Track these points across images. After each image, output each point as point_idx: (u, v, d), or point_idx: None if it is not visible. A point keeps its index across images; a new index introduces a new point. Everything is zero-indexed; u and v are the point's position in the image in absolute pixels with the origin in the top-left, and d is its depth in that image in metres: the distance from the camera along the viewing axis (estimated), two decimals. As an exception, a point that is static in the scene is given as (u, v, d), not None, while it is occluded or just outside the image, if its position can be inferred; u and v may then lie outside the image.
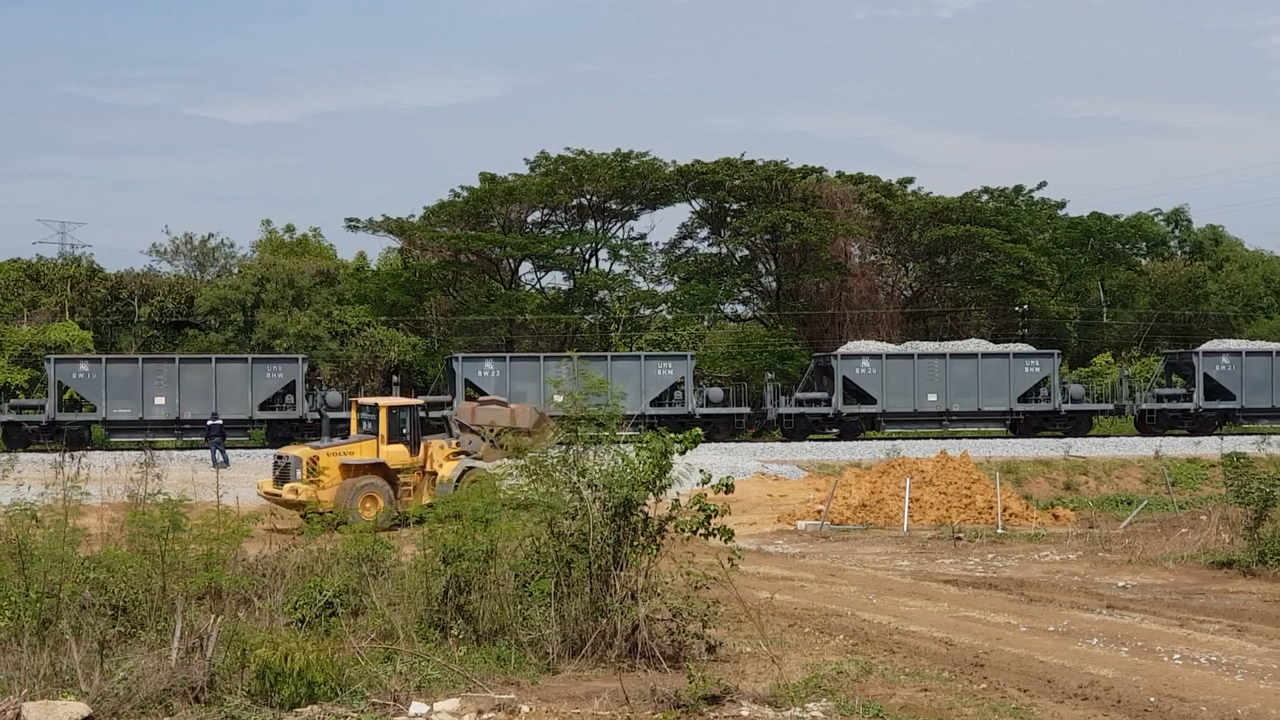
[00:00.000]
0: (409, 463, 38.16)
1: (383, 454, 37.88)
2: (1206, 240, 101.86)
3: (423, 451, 38.58)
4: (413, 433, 38.53)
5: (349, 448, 38.24)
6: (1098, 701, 16.15)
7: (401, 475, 37.88)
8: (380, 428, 38.20)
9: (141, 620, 17.11)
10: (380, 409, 38.65)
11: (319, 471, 36.86)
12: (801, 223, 78.73)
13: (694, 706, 14.53)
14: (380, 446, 37.99)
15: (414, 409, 39.24)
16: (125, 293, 77.52)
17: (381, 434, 38.14)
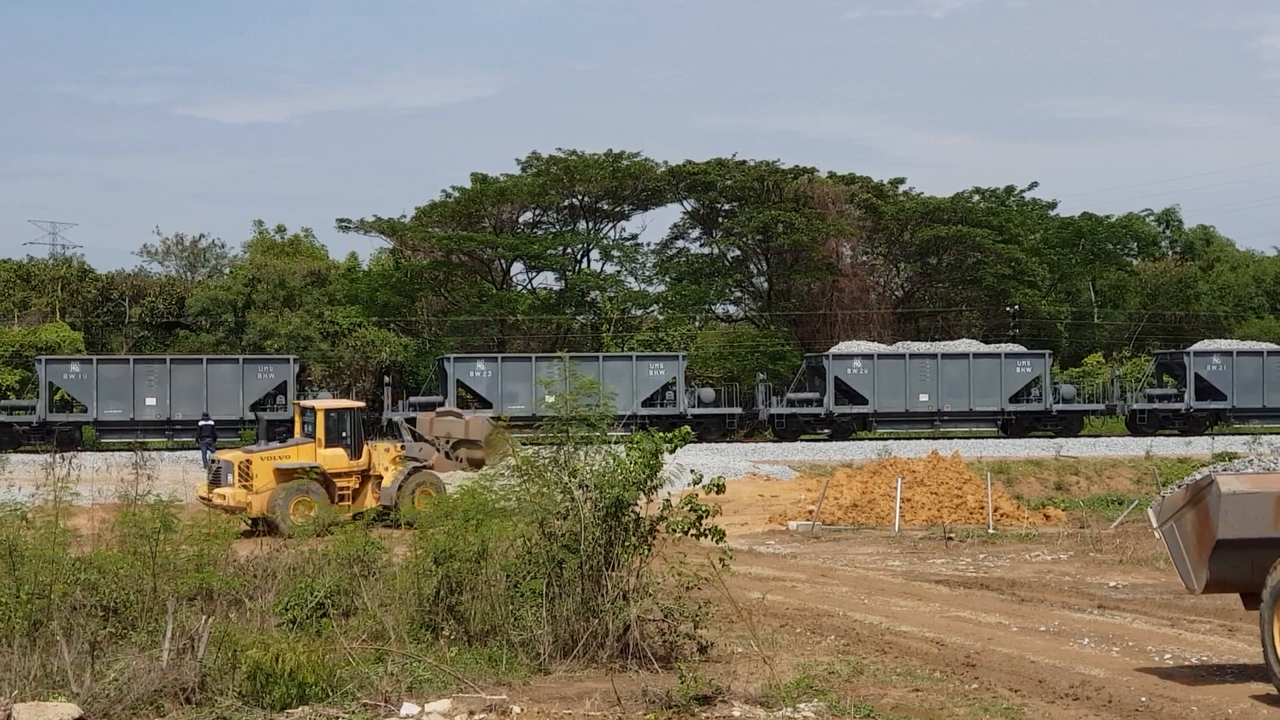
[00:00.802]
0: (349, 466, 37.39)
1: (319, 458, 37.11)
2: (1197, 240, 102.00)
3: (366, 455, 37.88)
4: (354, 436, 37.76)
5: (285, 451, 37.56)
6: (1089, 701, 16.15)
7: (339, 479, 37.11)
8: (317, 431, 37.51)
9: (132, 621, 17.08)
10: (317, 412, 37.93)
11: (250, 476, 36.21)
12: (793, 223, 78.80)
13: (685, 707, 14.53)
14: (317, 450, 37.28)
15: (355, 412, 38.54)
16: (116, 293, 77.47)
17: (319, 437, 37.41)
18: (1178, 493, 17.40)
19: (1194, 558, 16.93)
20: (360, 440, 37.96)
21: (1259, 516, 16.22)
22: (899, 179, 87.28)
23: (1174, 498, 17.41)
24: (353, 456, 37.57)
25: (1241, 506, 16.31)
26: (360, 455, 37.74)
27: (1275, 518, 16.12)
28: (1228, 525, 16.33)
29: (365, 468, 37.84)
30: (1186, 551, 17.07)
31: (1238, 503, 16.34)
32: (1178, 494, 17.37)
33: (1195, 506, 16.84)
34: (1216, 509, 16.40)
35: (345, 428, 37.79)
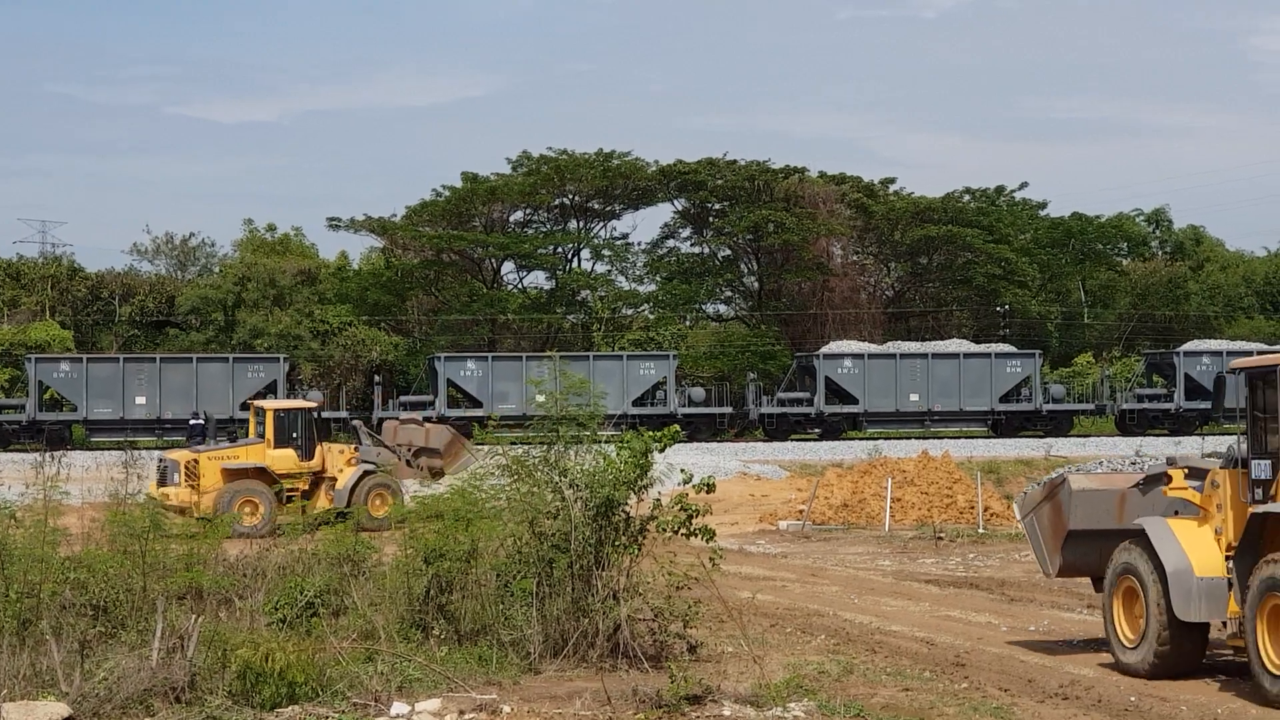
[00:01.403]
0: (299, 468, 37.00)
1: (268, 458, 36.78)
2: (1187, 241, 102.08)
3: (320, 457, 37.54)
4: (305, 437, 37.37)
5: (234, 451, 37.30)
6: (1078, 701, 16.18)
7: (288, 480, 36.66)
8: (266, 431, 37.21)
9: (122, 620, 17.06)
10: (267, 412, 37.66)
11: (197, 475, 35.89)
12: (783, 223, 78.83)
13: (676, 706, 14.54)
14: (266, 450, 36.95)
15: (306, 412, 38.19)
16: (106, 292, 77.42)
17: (268, 438, 37.11)
18: (1037, 490, 20.04)
19: (1050, 546, 19.50)
20: (312, 441, 37.49)
21: (1105, 511, 18.81)
22: (889, 179, 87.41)
23: (1034, 494, 20.02)
24: (304, 458, 37.12)
25: (1090, 502, 18.91)
26: (312, 456, 37.28)
27: (1118, 512, 18.67)
28: (1078, 518, 18.88)
29: (319, 469, 37.42)
30: (1043, 540, 19.63)
31: (1086, 499, 18.93)
32: (1037, 491, 19.99)
33: (1051, 501, 19.42)
34: (1068, 504, 18.99)
35: (296, 428, 37.43)
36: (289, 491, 36.53)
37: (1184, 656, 17.29)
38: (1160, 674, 17.19)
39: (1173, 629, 17.03)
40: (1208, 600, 16.71)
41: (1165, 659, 17.23)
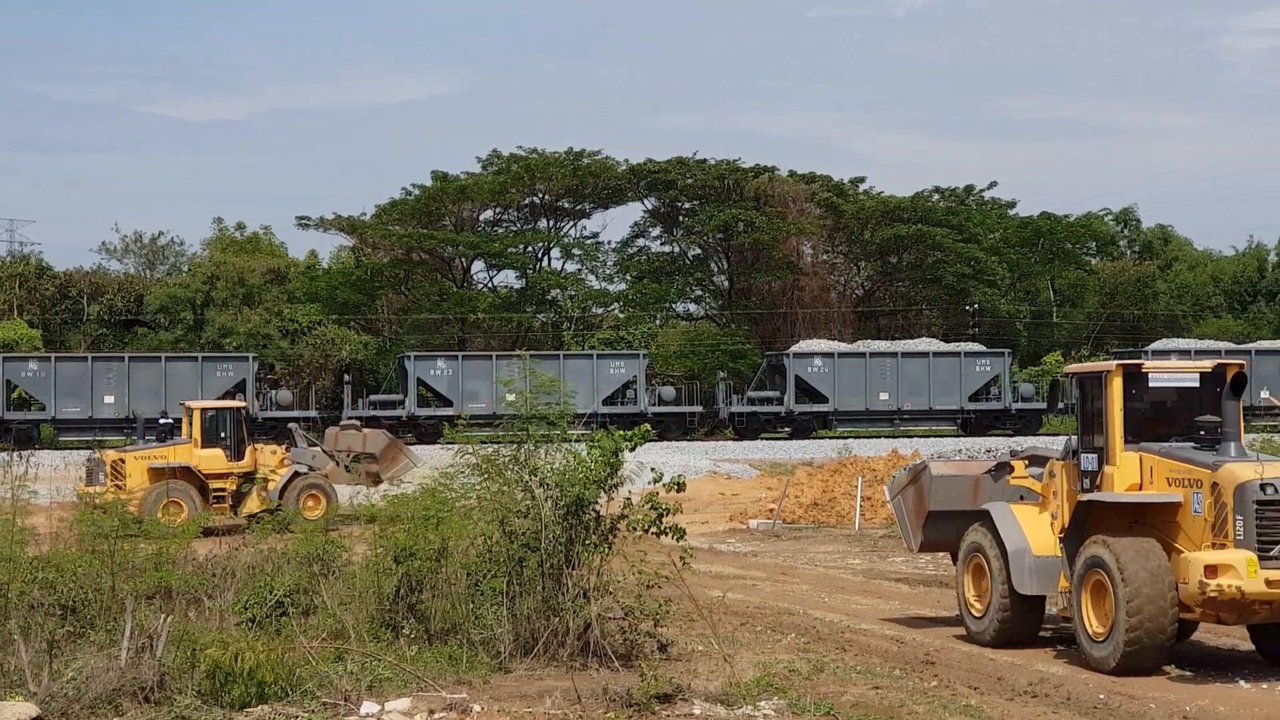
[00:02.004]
0: (228, 468, 36.78)
1: (195, 458, 36.52)
2: (1155, 240, 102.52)
3: (251, 457, 37.33)
4: (234, 437, 37.18)
5: (161, 451, 37.07)
6: (1047, 699, 16.23)
7: (215, 481, 36.43)
8: (193, 431, 37.02)
9: (91, 620, 17.00)
10: (194, 411, 37.46)
11: (123, 474, 35.64)
12: (753, 222, 78.95)
13: (646, 705, 14.54)
14: (193, 450, 36.71)
15: (236, 412, 38.06)
16: (74, 291, 77.16)
17: (195, 437, 36.90)
18: (903, 474, 22.31)
19: (913, 524, 21.81)
20: (242, 442, 37.29)
21: (960, 494, 21.01)
22: (859, 178, 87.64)
23: (900, 478, 22.29)
24: (232, 458, 36.91)
25: (947, 486, 21.19)
26: (242, 457, 37.08)
27: (972, 496, 20.82)
28: (936, 500, 21.18)
29: (250, 470, 37.22)
30: (908, 519, 21.95)
31: (944, 483, 21.22)
32: (903, 475, 22.30)
33: (914, 485, 21.74)
34: (929, 487, 21.28)
35: (224, 428, 37.26)
36: (217, 492, 36.24)
37: (1022, 626, 19.51)
38: (1002, 642, 19.42)
39: (1012, 601, 19.31)
40: (1042, 576, 19.00)
41: (1006, 628, 19.50)
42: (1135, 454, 18.23)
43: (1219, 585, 16.60)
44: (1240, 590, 16.55)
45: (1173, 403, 19.04)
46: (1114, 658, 17.47)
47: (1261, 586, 16.57)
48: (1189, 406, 18.68)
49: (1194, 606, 17.19)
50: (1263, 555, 16.69)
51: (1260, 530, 16.77)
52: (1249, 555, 16.64)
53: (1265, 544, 16.74)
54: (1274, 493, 16.84)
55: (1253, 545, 16.72)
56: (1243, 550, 16.73)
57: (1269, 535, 16.78)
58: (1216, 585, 16.61)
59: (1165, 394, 19.10)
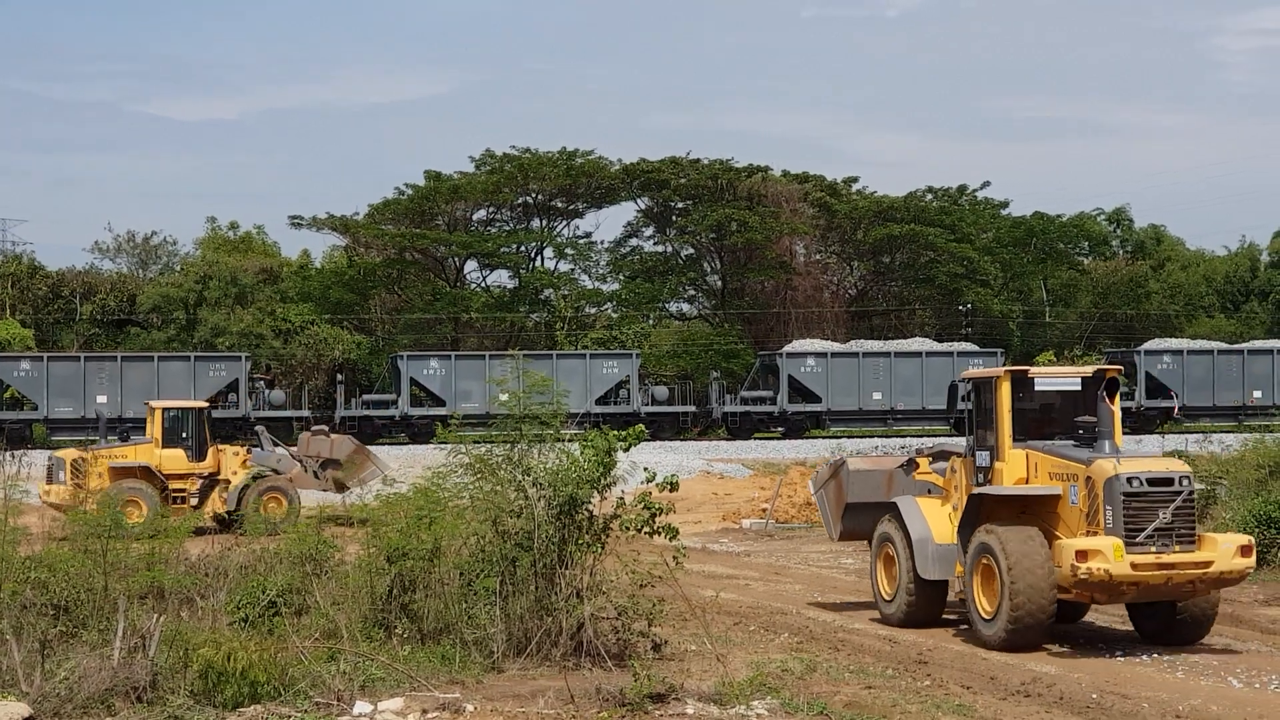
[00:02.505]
0: (189, 468, 36.73)
1: (156, 458, 36.52)
2: (1148, 240, 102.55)
3: (214, 458, 37.28)
4: (195, 437, 37.15)
5: (122, 450, 36.93)
6: (1040, 698, 16.25)
7: (176, 481, 36.34)
8: (154, 430, 37.01)
9: (83, 620, 16.99)
10: (155, 411, 37.44)
11: (84, 474, 35.43)
12: (747, 221, 78.93)
13: (639, 705, 14.53)
14: (154, 450, 36.68)
15: (198, 412, 37.98)
16: (67, 290, 77.06)
17: (155, 437, 36.90)
18: (825, 469, 24.44)
19: (834, 515, 23.80)
20: (204, 442, 37.28)
21: (875, 487, 23.02)
22: (852, 178, 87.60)
23: (823, 473, 24.41)
24: (194, 458, 36.90)
25: (863, 480, 23.28)
26: (204, 457, 37.07)
27: (887, 489, 22.79)
28: (854, 492, 23.21)
29: (213, 470, 37.16)
30: (829, 510, 23.98)
31: (861, 477, 23.36)
32: (825, 470, 24.40)
33: (834, 479, 23.77)
34: (847, 481, 23.34)
35: (185, 428, 37.22)
36: (177, 492, 36.10)
37: (927, 608, 21.33)
38: (909, 623, 21.26)
39: (917, 586, 21.12)
40: (942, 563, 20.78)
41: (913, 610, 21.29)
42: (1022, 451, 20.18)
43: (1089, 568, 18.50)
44: (1108, 573, 18.49)
45: (1058, 405, 20.91)
46: (1000, 635, 19.23)
47: (1127, 569, 18.51)
48: (1072, 408, 20.54)
49: (1069, 588, 18.98)
50: (1129, 541, 18.63)
51: (1127, 519, 18.73)
52: (1116, 542, 18.56)
53: (1131, 531, 18.70)
54: (1139, 485, 18.86)
55: (1120, 532, 18.70)
56: (1111, 537, 18.69)
57: (1134, 524, 18.73)
58: (1087, 568, 18.51)
59: (1050, 397, 21.06)
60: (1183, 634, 19.83)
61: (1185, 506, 19.12)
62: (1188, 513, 19.16)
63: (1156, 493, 18.97)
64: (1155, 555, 18.73)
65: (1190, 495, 19.27)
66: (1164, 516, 18.87)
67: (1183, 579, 18.86)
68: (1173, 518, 18.94)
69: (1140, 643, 19.99)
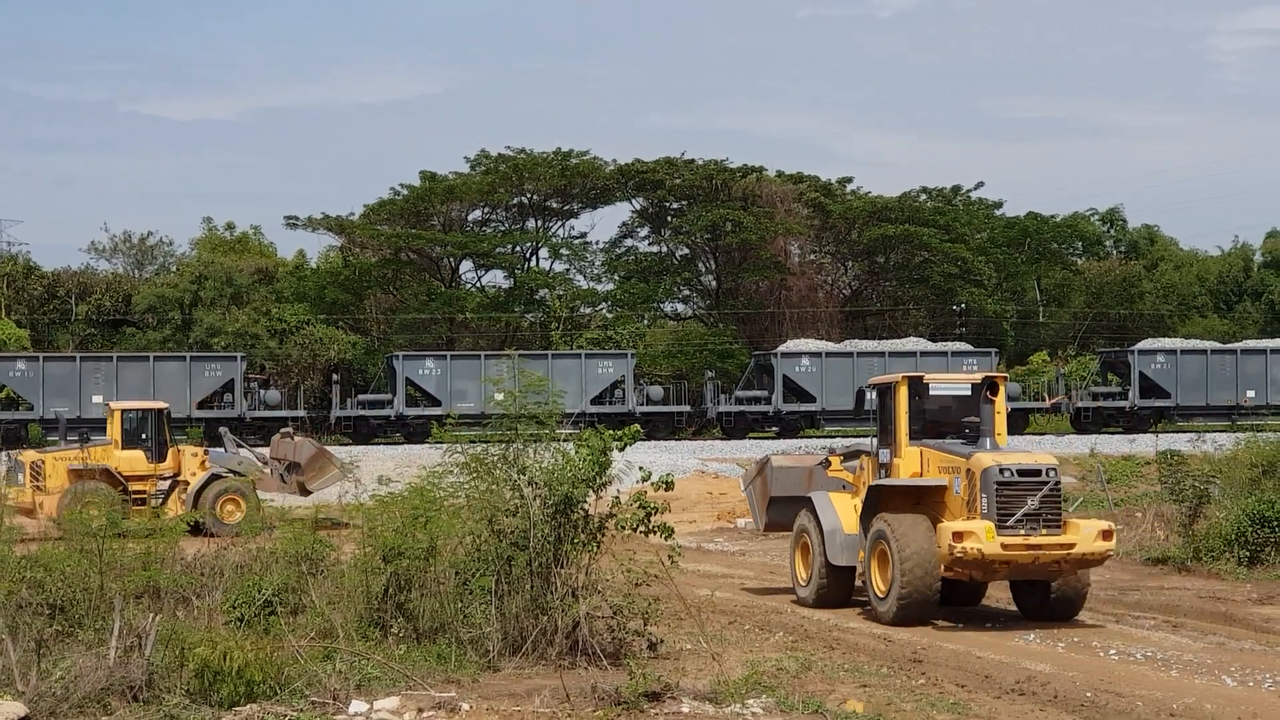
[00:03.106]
0: (149, 470, 36.56)
1: (115, 459, 36.32)
2: (1142, 240, 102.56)
3: (174, 459, 37.14)
4: (155, 439, 36.99)
5: (81, 452, 36.72)
6: (1035, 697, 16.28)
7: (136, 483, 35.98)
8: (114, 432, 36.84)
9: (79, 619, 17.00)
10: (114, 412, 37.32)
11: (43, 476, 35.44)
12: (741, 222, 78.92)
13: (635, 703, 14.57)
14: (114, 452, 36.51)
15: (158, 413, 37.78)
16: (62, 291, 76.98)
17: (114, 438, 36.71)
18: (753, 468, 26.77)
19: (760, 508, 25.99)
20: (164, 443, 37.14)
21: (797, 482, 25.02)
22: (847, 178, 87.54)
23: (750, 470, 26.81)
24: (154, 459, 36.75)
25: (786, 476, 25.44)
26: (164, 458, 36.91)
27: (807, 484, 24.72)
28: (777, 487, 25.35)
29: (174, 472, 37.02)
30: (756, 504, 26.20)
31: (783, 473, 25.53)
32: (752, 468, 26.78)
33: (760, 475, 25.89)
34: (771, 477, 25.52)
35: (145, 429, 37.09)
36: (138, 494, 35.68)
37: (837, 592, 23.38)
38: (821, 604, 23.31)
39: (829, 571, 23.17)
40: (850, 550, 22.81)
41: (825, 594, 23.35)
42: (917, 449, 22.47)
43: (964, 548, 20.74)
44: (981, 552, 20.71)
45: (951, 407, 23.11)
46: (892, 611, 21.40)
47: (998, 549, 20.75)
48: (964, 409, 22.84)
49: (949, 567, 21.20)
50: (1000, 525, 20.85)
51: (999, 505, 20.97)
52: (989, 524, 20.81)
53: (1003, 515, 20.92)
54: (1010, 476, 21.08)
55: (993, 516, 20.92)
56: (985, 521, 20.89)
57: (1006, 509, 20.93)
58: (962, 548, 20.75)
59: (944, 400, 23.29)
60: (1057, 611, 21.88)
61: (1052, 494, 21.28)
62: (1054, 500, 21.32)
63: (1025, 482, 21.15)
64: (1024, 537, 20.90)
65: (1056, 485, 21.45)
66: (1032, 503, 21.03)
67: (1049, 559, 21.06)
68: (1040, 504, 21.10)
69: (1134, 641, 20.06)
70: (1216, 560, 27.47)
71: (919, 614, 21.34)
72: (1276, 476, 30.61)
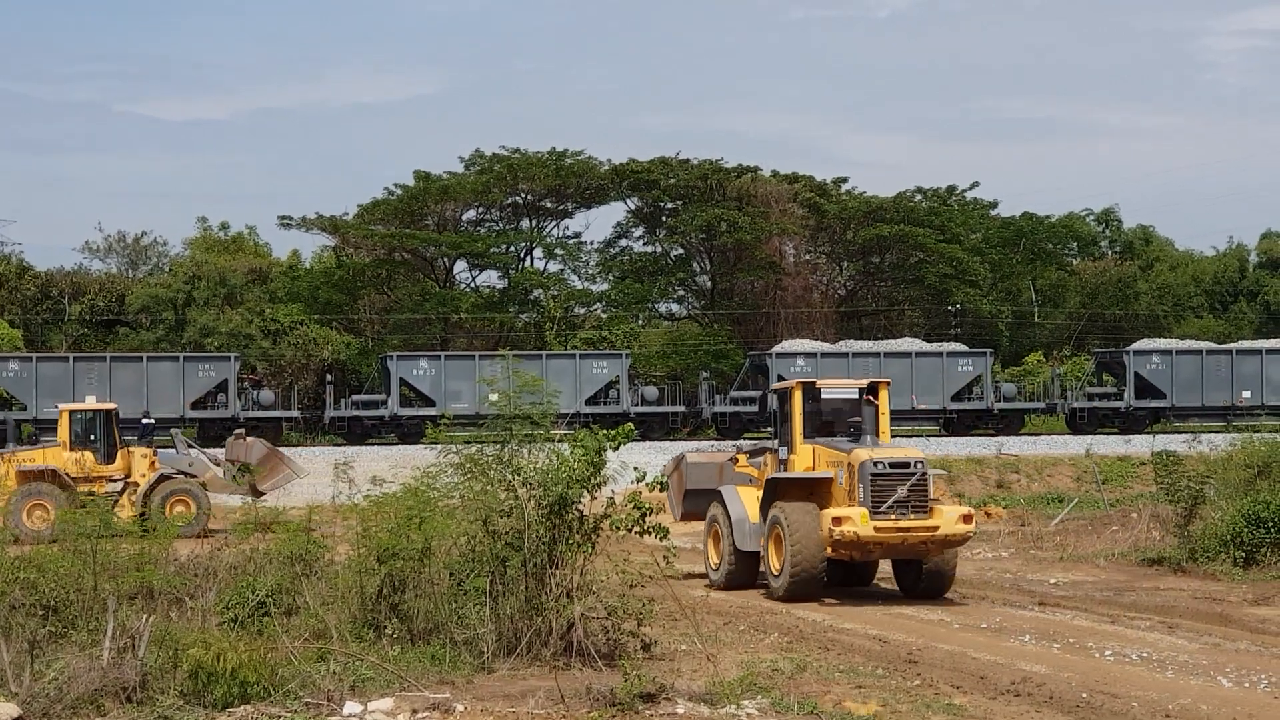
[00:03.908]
0: (98, 471, 36.50)
1: (64, 461, 36.31)
2: (1137, 240, 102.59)
3: (123, 460, 37.11)
4: (104, 440, 36.99)
5: (30, 454, 36.81)
6: (1030, 698, 16.25)
7: (84, 484, 35.72)
8: (62, 433, 36.83)
9: (73, 620, 16.98)
10: (63, 413, 37.28)
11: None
12: (736, 222, 78.90)
13: (629, 704, 14.54)
14: (62, 453, 36.50)
15: (107, 414, 37.74)
16: (56, 291, 76.92)
17: (62, 439, 36.71)
18: (671, 463, 29.03)
19: (676, 500, 28.27)
20: (113, 444, 37.11)
21: (709, 476, 27.56)
22: (842, 178, 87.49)
23: (669, 465, 28.87)
24: (102, 460, 36.76)
25: (700, 470, 28.03)
26: (113, 460, 36.91)
27: (719, 478, 27.25)
28: (692, 480, 27.84)
29: (125, 473, 36.98)
30: (673, 496, 28.14)
31: (697, 468, 28.14)
32: (670, 463, 29.11)
33: (677, 470, 28.32)
34: (686, 472, 28.08)
35: (94, 431, 37.03)
36: (86, 495, 35.80)
37: (744, 575, 25.68)
38: (730, 586, 25.54)
39: (736, 557, 25.53)
40: (755, 537, 25.18)
41: (733, 577, 25.64)
42: (810, 446, 25.26)
43: (841, 531, 23.55)
44: (856, 534, 23.57)
45: (841, 409, 25.89)
46: (784, 587, 23.94)
47: (871, 532, 23.64)
48: (851, 411, 25.67)
49: (833, 548, 23.84)
50: (874, 511, 23.71)
51: (873, 494, 23.82)
52: (863, 510, 23.66)
53: (876, 503, 23.77)
54: (882, 468, 23.94)
55: (868, 504, 23.77)
56: (860, 507, 23.71)
57: (878, 497, 23.78)
58: (840, 531, 23.56)
59: (835, 403, 25.98)
60: (929, 588, 24.78)
61: (919, 484, 24.08)
62: (921, 488, 24.08)
63: (896, 473, 24.01)
64: (894, 521, 23.76)
65: (923, 476, 24.18)
66: (901, 492, 23.88)
67: (916, 540, 23.96)
68: (908, 493, 23.95)
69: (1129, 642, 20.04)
70: (1212, 561, 27.49)
71: (806, 591, 23.91)
72: (1271, 477, 30.60)
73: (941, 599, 24.55)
